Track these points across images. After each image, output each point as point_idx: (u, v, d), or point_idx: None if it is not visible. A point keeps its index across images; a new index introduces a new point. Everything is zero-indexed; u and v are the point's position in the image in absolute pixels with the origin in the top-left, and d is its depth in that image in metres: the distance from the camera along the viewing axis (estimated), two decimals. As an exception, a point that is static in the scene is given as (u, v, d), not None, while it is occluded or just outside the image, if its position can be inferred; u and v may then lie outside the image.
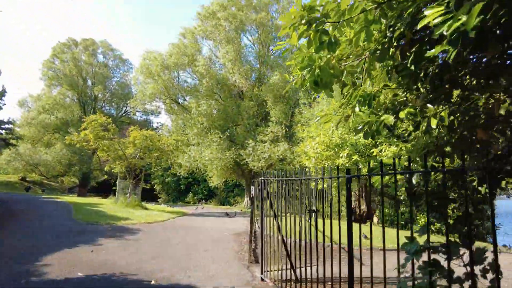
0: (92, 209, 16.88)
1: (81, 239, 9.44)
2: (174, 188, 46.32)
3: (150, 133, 18.86)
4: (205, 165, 25.83)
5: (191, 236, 10.74)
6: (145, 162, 19.22)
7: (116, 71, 51.42)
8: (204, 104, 24.52)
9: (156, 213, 17.47)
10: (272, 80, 25.03)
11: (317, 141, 15.81)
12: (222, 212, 20.72)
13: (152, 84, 26.25)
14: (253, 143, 24.56)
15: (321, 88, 4.00)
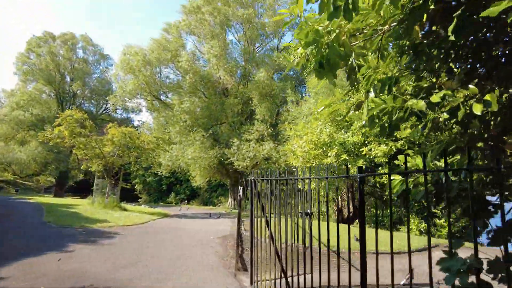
0: (66, 210, 15.77)
1: (50, 245, 8.50)
2: (156, 188, 45.05)
3: (129, 130, 17.84)
4: (188, 164, 24.93)
5: (173, 240, 9.95)
6: (124, 161, 18.19)
7: (96, 67, 49.61)
8: (187, 101, 23.62)
9: (135, 214, 16.51)
10: (257, 77, 24.38)
11: (304, 139, 15.26)
12: (206, 213, 19.93)
13: (132, 80, 25.12)
14: (238, 142, 23.85)
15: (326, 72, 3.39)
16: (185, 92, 24.68)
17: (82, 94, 47.48)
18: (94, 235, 10.18)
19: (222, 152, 24.33)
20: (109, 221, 13.22)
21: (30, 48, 45.68)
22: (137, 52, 24.76)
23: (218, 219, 16.58)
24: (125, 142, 17.53)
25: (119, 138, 17.23)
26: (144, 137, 18.73)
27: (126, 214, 16.31)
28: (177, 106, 23.96)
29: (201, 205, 41.38)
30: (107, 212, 16.17)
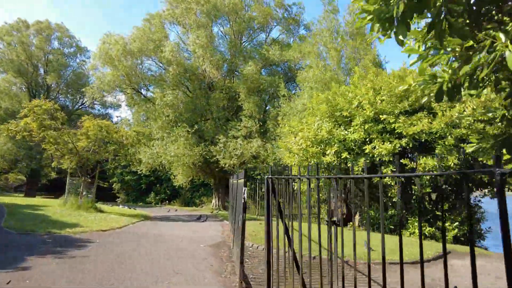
0: (32, 213, 13.80)
1: (2, 258, 6.76)
2: (134, 187, 42.73)
3: (105, 123, 15.96)
4: (170, 162, 23.16)
5: (157, 250, 8.36)
6: (100, 157, 16.29)
7: (73, 59, 46.62)
8: (170, 94, 21.85)
9: (113, 217, 14.71)
10: (246, 71, 22.92)
11: (300, 136, 13.96)
12: (190, 215, 18.26)
13: (111, 71, 23.09)
14: (225, 139, 22.32)
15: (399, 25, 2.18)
16: (168, 85, 22.89)
17: (57, 88, 44.52)
18: (62, 244, 8.45)
19: (208, 150, 22.72)
20: (81, 225, 11.44)
21: (0, 36, 42.34)
22: (117, 40, 22.75)
23: (205, 222, 15.03)
24: (101, 137, 15.66)
25: (94, 131, 15.35)
26: (123, 131, 16.88)
27: (102, 216, 14.49)
28: (159, 99, 22.12)
29: (182, 206, 39.47)
30: (80, 214, 14.30)
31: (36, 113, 14.43)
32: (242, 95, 23.10)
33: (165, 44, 23.50)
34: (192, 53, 25.19)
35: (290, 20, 26.95)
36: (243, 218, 5.78)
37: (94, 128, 15.17)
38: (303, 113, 17.69)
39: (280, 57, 24.02)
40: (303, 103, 17.95)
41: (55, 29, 44.97)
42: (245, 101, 22.97)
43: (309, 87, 18.69)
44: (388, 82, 13.74)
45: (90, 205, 16.02)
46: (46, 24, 44.62)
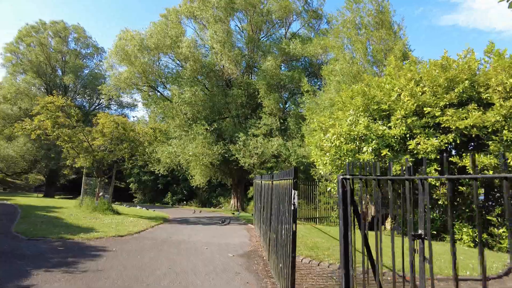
0: (46, 215, 12.90)
1: (4, 272, 5.72)
2: (151, 187, 42.06)
3: (122, 119, 14.97)
4: (188, 161, 22.13)
5: (181, 261, 7.21)
6: (116, 156, 15.32)
7: (90, 60, 46.40)
8: (188, 91, 20.80)
9: (130, 219, 13.70)
10: (265, 66, 21.67)
11: (332, 132, 12.60)
12: (211, 218, 17.12)
13: (128, 68, 22.23)
14: (244, 137, 21.13)
15: None
16: (185, 81, 21.85)
17: (74, 88, 44.27)
18: (74, 253, 7.39)
19: (227, 149, 21.58)
20: (97, 230, 10.42)
21: (20, 37, 42.35)
22: (134, 36, 21.87)
23: (227, 225, 13.84)
24: (118, 134, 14.67)
25: (110, 129, 14.38)
26: (139, 128, 15.86)
27: (118, 219, 13.50)
28: (177, 97, 21.12)
29: (199, 206, 38.53)
30: (96, 217, 13.34)
31: (50, 110, 13.54)
32: (261, 92, 21.87)
33: (182, 40, 22.50)
34: (210, 49, 24.14)
35: (310, 13, 25.56)
36: (292, 230, 4.53)
37: (110, 124, 14.19)
38: (331, 109, 16.35)
39: (301, 51, 22.68)
40: (331, 98, 16.59)
41: (71, 30, 44.75)
42: (265, 98, 21.73)
43: (336, 81, 17.30)
44: (428, 72, 12.27)
45: (106, 206, 15.08)
46: (62, 25, 44.41)
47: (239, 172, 26.69)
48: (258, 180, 11.47)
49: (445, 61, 13.06)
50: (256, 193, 12.41)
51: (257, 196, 11.96)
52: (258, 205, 11.68)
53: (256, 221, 12.04)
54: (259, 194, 11.90)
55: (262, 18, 24.52)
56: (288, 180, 5.05)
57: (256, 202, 12.38)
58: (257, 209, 12.16)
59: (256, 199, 12.53)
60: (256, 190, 12.40)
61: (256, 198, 12.36)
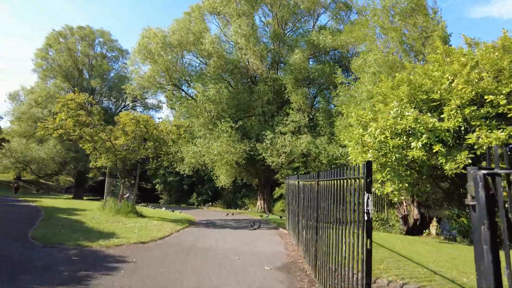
0: (67, 218, 12.19)
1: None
2: (177, 188, 41.60)
3: (143, 117, 14.12)
4: (213, 160, 21.13)
5: (210, 275, 6.06)
6: (139, 155, 14.48)
7: (115, 63, 46.76)
8: (212, 88, 19.80)
9: (154, 223, 12.78)
10: (292, 60, 20.33)
11: (375, 126, 11.12)
12: (238, 221, 15.96)
13: (151, 66, 21.54)
14: (272, 135, 19.89)
15: None
16: (210, 78, 20.89)
17: (100, 91, 44.70)
18: (88, 265, 6.41)
19: (253, 147, 20.41)
20: (117, 236, 9.49)
21: (49, 43, 43.22)
22: (156, 34, 21.15)
23: (257, 229, 12.63)
24: (140, 133, 13.82)
25: (132, 127, 13.55)
26: (163, 126, 14.96)
27: (142, 222, 12.61)
28: (201, 94, 20.18)
29: (224, 207, 37.65)
30: (118, 220, 12.51)
31: (70, 108, 12.86)
32: (289, 87, 20.55)
33: (205, 36, 21.56)
34: (234, 44, 23.10)
35: (339, 4, 23.97)
36: (366, 248, 3.23)
37: (131, 122, 13.36)
38: (368, 101, 14.83)
39: (331, 43, 21.18)
40: (368, 90, 15.06)
41: (97, 34, 45.25)
42: (293, 93, 20.39)
43: (371, 73, 15.75)
44: (486, 55, 10.54)
45: (130, 209, 14.26)
46: (88, 30, 45.00)
47: (265, 172, 25.48)
48: (293, 181, 10.20)
49: (507, 42, 11.28)
50: (290, 194, 11.15)
51: (292, 199, 10.70)
52: (293, 209, 10.41)
53: (291, 226, 10.76)
54: (294, 197, 10.64)
55: (288, 10, 23.17)
56: (351, 180, 3.76)
57: (290, 205, 11.11)
58: (291, 212, 10.90)
59: (289, 202, 11.26)
60: (290, 192, 11.14)
61: (290, 200, 11.09)
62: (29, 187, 49.73)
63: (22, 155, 37.36)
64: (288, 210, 11.62)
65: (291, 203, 11.03)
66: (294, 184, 10.09)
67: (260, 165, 23.88)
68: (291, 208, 10.98)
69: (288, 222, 11.35)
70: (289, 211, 11.35)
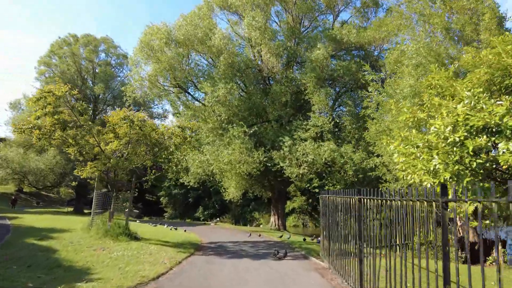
0: (35, 244, 9.24)
1: None
2: (182, 201, 38.54)
3: (139, 116, 11.26)
4: (223, 170, 18.19)
5: None
6: (133, 164, 11.58)
7: (119, 70, 44.46)
8: (223, 88, 16.99)
9: (150, 250, 9.79)
10: (314, 56, 17.51)
11: (440, 123, 8.13)
12: (255, 245, 12.79)
13: (153, 64, 18.90)
14: (290, 142, 16.94)
15: None
16: (219, 78, 18.12)
17: (104, 99, 42.40)
18: None
19: (269, 156, 17.44)
20: (92, 274, 6.52)
21: (52, 50, 41.24)
22: (160, 28, 18.56)
23: (284, 259, 9.52)
24: (135, 136, 10.98)
25: (125, 129, 10.72)
26: (163, 129, 12.04)
27: (134, 249, 9.62)
28: (210, 94, 17.37)
29: (232, 222, 34.44)
30: (103, 247, 9.53)
31: (48, 103, 10.09)
32: (310, 86, 17.67)
33: (215, 32, 18.94)
34: (246, 42, 20.42)
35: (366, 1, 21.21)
36: None
37: (122, 123, 10.52)
38: (413, 99, 11.88)
39: (356, 39, 18.43)
40: (410, 84, 12.12)
41: (101, 41, 43.27)
42: (314, 94, 17.50)
43: (414, 65, 12.86)
44: None
45: (121, 230, 11.29)
46: (92, 37, 43.11)
47: (280, 185, 22.44)
48: (339, 197, 7.19)
49: None
50: (329, 214, 8.12)
51: (334, 221, 7.67)
52: (336, 233, 7.38)
53: (332, 258, 7.69)
54: (326, 215, 7.64)
55: (305, 6, 20.51)
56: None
57: (330, 229, 8.07)
58: (332, 238, 7.85)
59: (329, 225, 8.21)
60: (329, 211, 8.12)
61: (331, 223, 8.05)
62: (30, 199, 47.21)
63: (19, 166, 34.73)
64: (326, 235, 8.57)
65: (331, 227, 8.00)
66: (338, 201, 7.08)
67: (277, 177, 20.86)
68: (331, 233, 7.95)
69: (328, 252, 8.26)
70: (328, 237, 8.30)
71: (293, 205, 37.51)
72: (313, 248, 11.61)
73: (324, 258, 9.01)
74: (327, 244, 8.42)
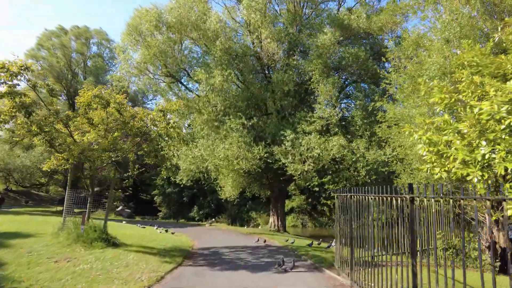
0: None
1: None
2: (176, 200, 36.59)
3: (117, 98, 9.36)
4: (219, 167, 16.38)
5: None
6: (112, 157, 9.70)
7: (112, 63, 42.42)
8: (219, 75, 15.15)
9: (128, 259, 7.97)
10: (321, 40, 15.72)
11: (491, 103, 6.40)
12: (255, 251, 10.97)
13: (142, 50, 17.02)
14: (293, 135, 15.15)
15: None
16: (215, 64, 16.28)
17: (95, 93, 40.32)
18: None
19: (269, 152, 15.62)
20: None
21: (40, 43, 39.09)
22: (149, 10, 16.69)
23: (291, 271, 7.73)
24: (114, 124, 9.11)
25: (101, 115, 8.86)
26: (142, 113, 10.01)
27: (109, 259, 7.80)
28: (204, 83, 15.53)
29: (228, 222, 32.60)
30: (70, 257, 7.69)
31: (4, 81, 8.23)
32: (315, 75, 15.88)
33: (210, 15, 17.12)
34: (245, 27, 18.57)
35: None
36: None
37: (96, 102, 8.64)
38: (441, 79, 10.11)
39: (367, 24, 16.69)
40: (437, 62, 10.39)
41: (93, 34, 41.22)
42: (320, 83, 15.71)
43: (443, 40, 11.11)
44: None
45: (97, 234, 9.45)
46: (84, 29, 40.99)
47: (281, 183, 20.66)
48: (371, 196, 5.43)
49: None
50: (354, 217, 6.37)
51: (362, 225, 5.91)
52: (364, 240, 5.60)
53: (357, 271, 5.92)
54: (367, 221, 5.89)
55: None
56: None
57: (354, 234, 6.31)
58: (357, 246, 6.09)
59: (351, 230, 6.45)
60: (353, 212, 6.36)
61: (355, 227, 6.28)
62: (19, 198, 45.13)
63: (3, 163, 32.64)
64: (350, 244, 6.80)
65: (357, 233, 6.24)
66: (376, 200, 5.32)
67: (275, 174, 19.08)
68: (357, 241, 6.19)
69: (349, 263, 6.49)
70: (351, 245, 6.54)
71: (292, 204, 35.75)
72: (324, 256, 9.84)
73: (341, 271, 7.24)
74: (348, 253, 6.66)
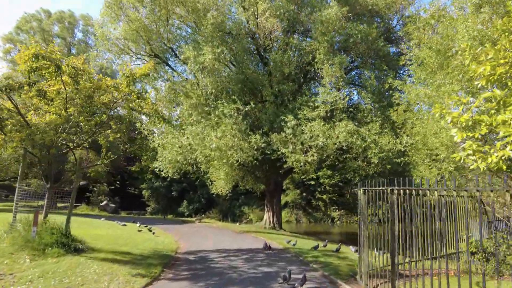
0: None
1: None
2: (165, 195, 34.49)
3: (72, 60, 7.26)
4: (210, 158, 14.41)
5: None
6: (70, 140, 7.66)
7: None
8: (209, 52, 13.10)
9: (91, 271, 6.00)
10: (326, 14, 13.75)
11: None
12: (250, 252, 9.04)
13: (123, 25, 14.84)
14: (294, 122, 13.23)
15: None
16: (206, 40, 14.17)
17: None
18: None
19: (267, 141, 13.67)
20: None
21: (19, 26, 36.27)
22: (131, -20, 14.49)
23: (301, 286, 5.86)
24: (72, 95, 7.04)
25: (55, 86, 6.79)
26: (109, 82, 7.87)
27: (60, 272, 5.82)
28: (193, 61, 13.46)
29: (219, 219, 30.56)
30: (3, 273, 5.68)
31: None
32: (319, 54, 13.94)
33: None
34: (239, 3, 16.50)
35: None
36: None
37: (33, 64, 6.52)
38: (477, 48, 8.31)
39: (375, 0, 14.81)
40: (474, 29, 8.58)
41: (79, 19, 38.50)
42: (325, 63, 13.79)
43: (475, 5, 9.29)
44: None
45: (56, 237, 7.43)
46: (69, 14, 38.27)
47: (278, 176, 18.78)
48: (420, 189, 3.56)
49: None
50: (395, 217, 4.50)
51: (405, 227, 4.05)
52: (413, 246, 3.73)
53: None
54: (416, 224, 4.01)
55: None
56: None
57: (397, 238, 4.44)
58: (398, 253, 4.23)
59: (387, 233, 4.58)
60: (393, 212, 4.50)
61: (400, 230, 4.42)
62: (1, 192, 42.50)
63: (-24, 154, 29.95)
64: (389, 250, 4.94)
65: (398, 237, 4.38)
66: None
67: (272, 166, 17.21)
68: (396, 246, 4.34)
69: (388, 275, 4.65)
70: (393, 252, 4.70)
71: (286, 199, 33.99)
72: (337, 263, 7.99)
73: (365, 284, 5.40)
74: (384, 262, 4.80)
